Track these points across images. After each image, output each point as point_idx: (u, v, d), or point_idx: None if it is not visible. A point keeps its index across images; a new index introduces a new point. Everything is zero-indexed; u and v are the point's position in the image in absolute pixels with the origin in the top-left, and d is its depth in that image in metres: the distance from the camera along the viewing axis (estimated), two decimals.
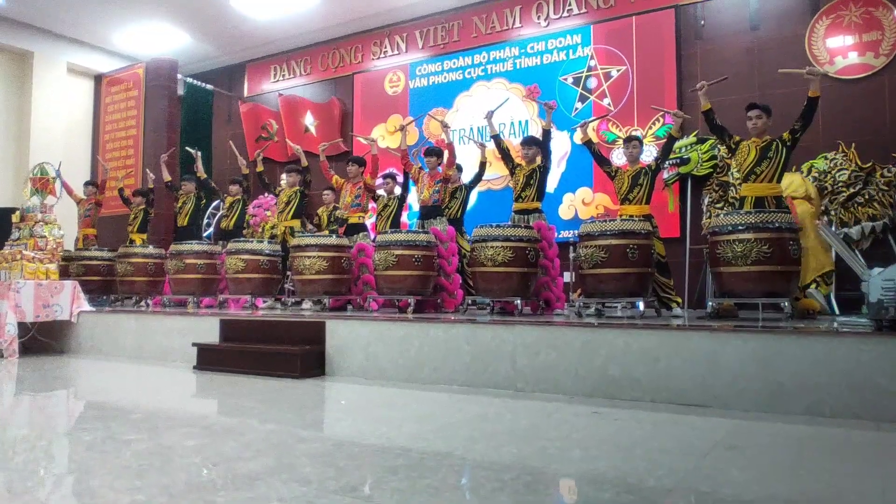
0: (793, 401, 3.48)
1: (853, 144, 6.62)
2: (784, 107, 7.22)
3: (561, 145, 8.56)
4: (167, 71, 10.96)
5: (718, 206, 7.21)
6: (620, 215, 5.58)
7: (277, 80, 11.60)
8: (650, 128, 8.04)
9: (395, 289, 5.99)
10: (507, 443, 2.86)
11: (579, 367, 4.08)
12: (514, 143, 8.84)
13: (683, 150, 7.44)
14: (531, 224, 5.76)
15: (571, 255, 7.78)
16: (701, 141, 7.41)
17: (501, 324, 4.44)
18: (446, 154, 6.78)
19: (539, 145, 6.06)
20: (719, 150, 7.32)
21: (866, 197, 6.34)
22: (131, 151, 11.24)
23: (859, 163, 6.48)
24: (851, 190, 6.40)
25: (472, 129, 9.29)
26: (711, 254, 4.67)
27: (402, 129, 7.16)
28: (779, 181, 4.90)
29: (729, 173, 7.17)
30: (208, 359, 5.47)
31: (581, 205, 8.37)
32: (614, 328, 4.04)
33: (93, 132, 12.19)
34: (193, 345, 5.54)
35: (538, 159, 6.01)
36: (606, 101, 8.35)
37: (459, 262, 6.54)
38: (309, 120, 10.95)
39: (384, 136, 10.07)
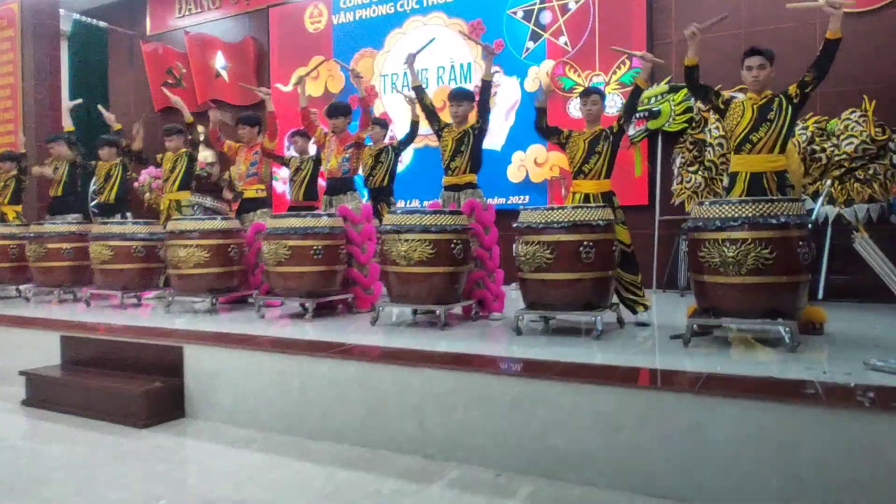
0: (813, 501, 2.35)
1: (872, 102, 5.31)
2: (774, 47, 5.96)
3: (509, 94, 7.21)
4: (47, 6, 9.21)
5: (692, 168, 6.00)
6: (574, 193, 4.33)
7: (183, 16, 9.89)
8: (614, 72, 6.72)
9: (289, 289, 4.71)
10: None
11: (510, 431, 2.90)
12: (453, 88, 7.47)
13: (653, 100, 6.16)
14: (461, 204, 4.51)
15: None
16: (673, 90, 6.12)
17: (405, 364, 3.21)
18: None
19: (474, 100, 4.75)
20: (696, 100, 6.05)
21: (870, 173, 5.15)
22: (10, 103, 9.51)
23: (873, 132, 5.24)
24: (854, 164, 5.20)
25: (405, 74, 7.83)
26: (691, 255, 3.47)
27: (301, 80, 5.72)
28: (782, 151, 3.68)
29: (706, 130, 5.94)
30: (41, 392, 4.17)
31: (533, 165, 7.09)
32: (555, 380, 2.83)
33: None
34: (21, 373, 4.23)
35: (471, 118, 4.71)
36: (563, 39, 6.97)
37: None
38: (220, 62, 9.33)
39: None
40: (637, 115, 6.20)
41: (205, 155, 9.23)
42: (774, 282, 3.21)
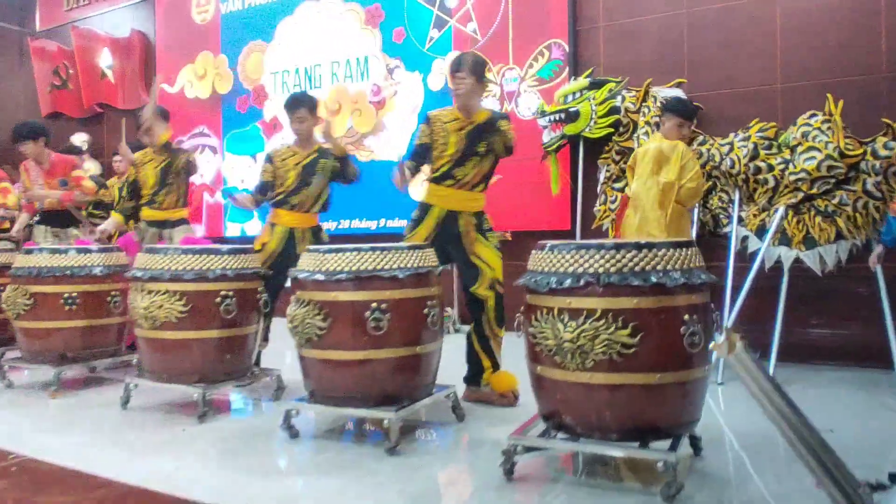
0: None
1: (840, 103, 3.83)
2: (727, 26, 4.73)
3: (412, 93, 5.96)
4: None
5: (618, 185, 4.74)
6: None
7: (71, 8, 8.67)
8: (531, 65, 5.47)
9: (35, 352, 3.44)
10: None
11: None
12: (349, 87, 6.27)
13: (570, 98, 4.90)
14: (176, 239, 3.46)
15: None
16: (595, 86, 4.84)
17: None
18: None
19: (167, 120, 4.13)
20: (624, 98, 4.79)
21: (835, 202, 3.77)
22: None
23: (843, 145, 3.82)
24: (814, 189, 3.87)
25: (297, 70, 6.60)
26: (525, 332, 2.19)
27: None
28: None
29: (635, 136, 4.67)
30: None
31: None
32: None
33: None
34: None
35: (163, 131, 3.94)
36: (472, 25, 5.72)
37: None
38: (105, 61, 8.10)
39: (192, 81, 7.33)
40: (551, 118, 4.96)
41: (88, 166, 8.02)
42: (642, 382, 1.93)
